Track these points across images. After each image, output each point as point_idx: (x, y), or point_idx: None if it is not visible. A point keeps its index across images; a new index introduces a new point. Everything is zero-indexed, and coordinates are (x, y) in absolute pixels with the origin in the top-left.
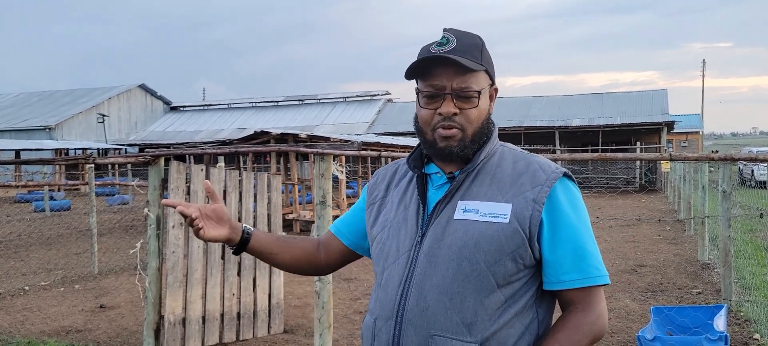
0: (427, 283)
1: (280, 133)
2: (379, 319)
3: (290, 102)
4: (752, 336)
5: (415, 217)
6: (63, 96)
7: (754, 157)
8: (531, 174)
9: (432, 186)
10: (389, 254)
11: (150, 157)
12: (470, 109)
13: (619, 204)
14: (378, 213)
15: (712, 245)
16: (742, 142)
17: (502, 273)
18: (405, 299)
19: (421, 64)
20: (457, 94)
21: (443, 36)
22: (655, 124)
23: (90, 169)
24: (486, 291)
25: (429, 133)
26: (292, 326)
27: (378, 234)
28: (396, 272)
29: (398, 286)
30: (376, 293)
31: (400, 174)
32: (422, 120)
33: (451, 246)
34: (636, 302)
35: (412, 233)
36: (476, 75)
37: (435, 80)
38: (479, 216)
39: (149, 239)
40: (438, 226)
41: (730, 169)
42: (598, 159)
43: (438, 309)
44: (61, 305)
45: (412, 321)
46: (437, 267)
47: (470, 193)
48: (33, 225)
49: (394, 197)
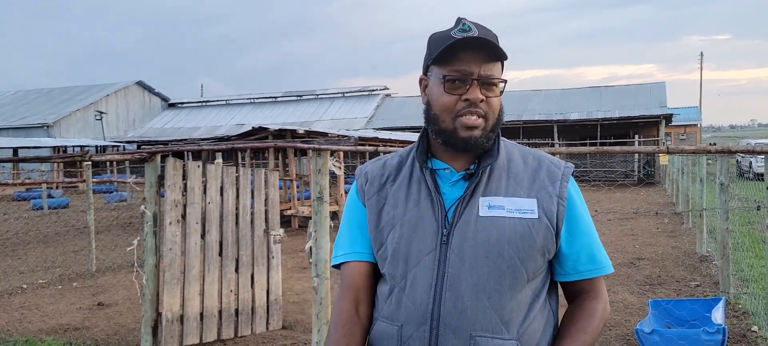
0: (462, 283)
1: (278, 129)
2: (408, 325)
3: (288, 98)
4: (750, 328)
5: (432, 214)
6: (61, 93)
7: (752, 150)
8: (546, 169)
9: (443, 183)
10: (409, 255)
11: (146, 154)
12: (494, 98)
13: (618, 197)
14: (379, 211)
15: (710, 237)
16: (740, 135)
17: (532, 268)
18: (439, 302)
19: (454, 46)
20: (483, 81)
21: (463, 23)
22: (654, 117)
23: (87, 167)
24: (519, 287)
25: (448, 121)
26: (291, 322)
27: (389, 233)
28: (423, 273)
29: (429, 288)
30: (397, 296)
31: (392, 169)
32: (443, 106)
33: (483, 243)
34: (634, 296)
35: (433, 231)
36: (498, 64)
37: (463, 65)
38: (506, 212)
39: (146, 236)
40: (465, 224)
41: (727, 162)
42: (595, 152)
43: (477, 309)
44: (59, 303)
45: (450, 324)
46: (472, 266)
47: (490, 189)
48: (31, 223)
49: (397, 192)
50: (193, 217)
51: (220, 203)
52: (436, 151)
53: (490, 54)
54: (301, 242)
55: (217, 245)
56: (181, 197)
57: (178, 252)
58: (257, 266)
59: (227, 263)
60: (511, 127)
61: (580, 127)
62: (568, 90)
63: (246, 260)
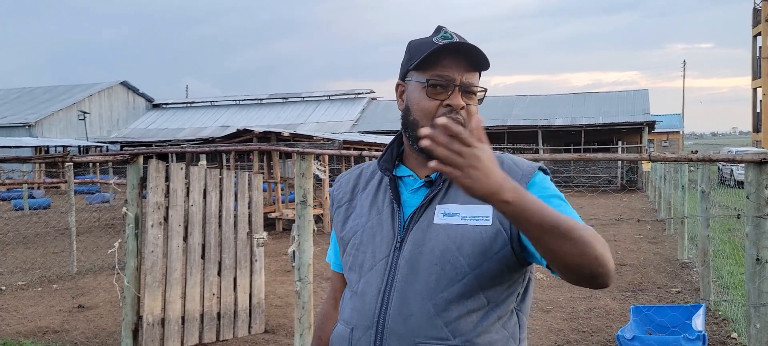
0: (409, 290)
1: (263, 131)
2: (357, 329)
3: (274, 100)
4: (730, 335)
5: (390, 222)
6: (43, 93)
7: (732, 158)
8: (506, 171)
9: (405, 190)
10: (365, 261)
11: (128, 155)
12: (473, 107)
13: (601, 203)
14: (346, 217)
15: (692, 244)
16: (721, 142)
17: (486, 276)
18: (386, 308)
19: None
20: (464, 89)
21: (444, 31)
22: (637, 124)
23: (69, 168)
24: (470, 294)
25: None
26: (273, 326)
27: (350, 239)
28: (374, 279)
29: (377, 294)
30: (352, 301)
31: (366, 177)
32: (423, 111)
33: (433, 251)
34: (616, 302)
35: (389, 238)
36: (477, 74)
37: (445, 71)
38: (461, 220)
39: (127, 239)
40: (418, 231)
41: (708, 170)
42: (578, 159)
43: (422, 316)
44: (39, 305)
45: (394, 330)
46: (419, 273)
47: (449, 196)
48: (10, 223)
49: (364, 201)
50: (176, 219)
51: (203, 205)
52: (406, 158)
53: (472, 62)
54: (285, 245)
55: (199, 247)
56: (163, 199)
57: (160, 255)
58: (240, 269)
59: (210, 266)
60: (495, 132)
61: (564, 133)
62: (552, 96)
63: (229, 264)
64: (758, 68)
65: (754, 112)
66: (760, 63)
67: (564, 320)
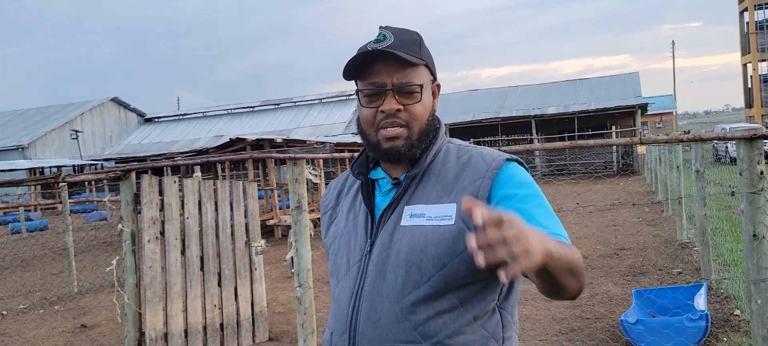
0: (377, 293)
1: (256, 139)
2: (335, 333)
3: (266, 107)
4: (733, 312)
5: (364, 226)
6: (35, 114)
7: (723, 136)
8: (472, 167)
9: (379, 192)
10: (341, 266)
11: (120, 172)
12: (414, 105)
13: (598, 189)
14: (329, 223)
15: (690, 224)
16: (715, 120)
17: (453, 276)
18: (357, 312)
19: (360, 61)
20: (398, 90)
21: (380, 33)
22: (629, 108)
23: (63, 189)
24: (438, 296)
25: (372, 135)
26: (278, 333)
27: (331, 245)
28: (347, 284)
29: (349, 299)
30: (332, 306)
31: (350, 182)
32: (365, 121)
33: (398, 253)
34: (618, 286)
35: (362, 242)
36: (416, 69)
37: (375, 78)
38: (426, 220)
39: (125, 256)
40: (385, 234)
41: (702, 149)
42: (571, 147)
43: (390, 319)
44: (41, 327)
45: (365, 334)
46: (386, 276)
47: (416, 197)
48: (8, 247)
49: (344, 205)
50: (172, 233)
51: (198, 217)
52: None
53: (401, 61)
54: (285, 251)
55: (198, 259)
56: (158, 214)
57: (158, 269)
58: (240, 278)
59: (209, 278)
60: (489, 124)
61: (558, 120)
62: (544, 85)
63: (228, 274)
64: (747, 44)
65: (745, 88)
66: (748, 38)
67: (567, 308)
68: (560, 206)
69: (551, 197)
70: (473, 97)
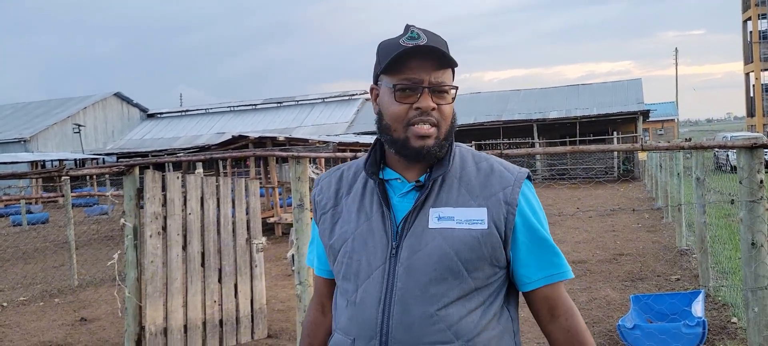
0: (410, 297)
1: (259, 136)
2: (359, 339)
3: (269, 105)
4: (730, 320)
5: (382, 227)
6: (37, 107)
7: (723, 145)
8: (498, 175)
9: (394, 194)
10: (360, 269)
11: (124, 167)
12: (445, 106)
13: (599, 194)
14: (333, 224)
15: (689, 231)
16: (717, 128)
17: (481, 277)
18: (388, 317)
19: (403, 55)
20: (434, 89)
21: (411, 31)
22: (631, 114)
23: (66, 182)
24: (468, 296)
25: (400, 131)
26: (276, 330)
27: (340, 247)
28: (372, 288)
29: (378, 303)
30: (350, 311)
31: (349, 180)
32: (394, 116)
33: (430, 256)
34: (616, 291)
35: (383, 244)
36: (448, 71)
37: (412, 73)
38: (455, 223)
39: (127, 250)
40: (413, 236)
41: (702, 157)
42: (572, 152)
43: (424, 322)
44: (41, 319)
45: (398, 338)
46: (419, 279)
47: (441, 199)
48: (10, 239)
49: (350, 205)
50: (174, 228)
51: (200, 213)
52: (390, 161)
53: (441, 60)
54: (285, 249)
55: (199, 255)
56: (160, 209)
57: (159, 264)
58: (240, 275)
59: (210, 274)
60: (491, 127)
61: (560, 125)
62: (546, 89)
63: (229, 270)
64: (750, 53)
65: (747, 97)
66: (751, 47)
67: None
68: (560, 210)
69: (551, 200)
70: (475, 100)
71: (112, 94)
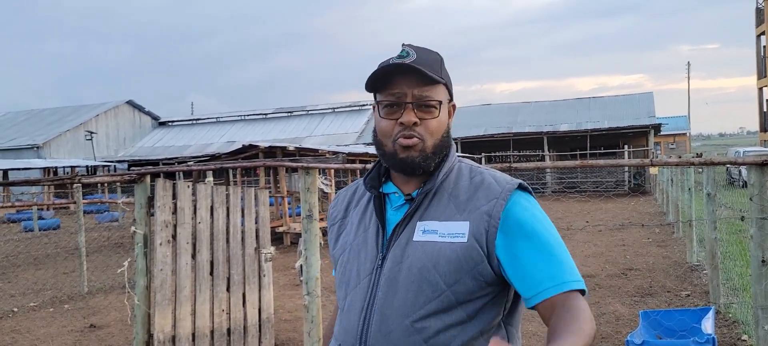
0: (388, 307)
1: (269, 146)
2: (344, 345)
3: (279, 114)
4: (740, 338)
5: (374, 239)
6: (50, 114)
7: (734, 161)
8: (486, 188)
9: (390, 207)
10: (350, 278)
11: (136, 175)
12: (431, 120)
13: (609, 208)
14: (338, 235)
15: (700, 247)
16: (729, 143)
17: (463, 291)
18: (367, 325)
19: (383, 73)
20: (417, 104)
21: (403, 49)
22: (642, 127)
23: (78, 189)
24: (448, 310)
25: (389, 145)
26: (283, 340)
27: (339, 257)
28: (358, 296)
29: (360, 311)
30: (340, 318)
31: (360, 194)
32: (382, 131)
33: (411, 268)
34: (625, 306)
35: (372, 256)
36: (436, 87)
37: (396, 89)
38: (438, 237)
39: (137, 257)
40: (397, 248)
41: (714, 172)
42: (581, 166)
43: (401, 333)
44: (51, 325)
45: None
46: (398, 290)
47: (429, 213)
48: (21, 245)
49: (354, 218)
50: (184, 237)
51: (210, 222)
52: (392, 175)
53: (426, 76)
54: (293, 259)
55: (208, 264)
56: (171, 218)
57: (169, 272)
58: (249, 284)
59: (218, 283)
60: (501, 139)
61: (570, 138)
62: (557, 102)
63: (237, 279)
64: (763, 67)
65: (760, 111)
66: (765, 62)
67: None
68: (570, 224)
69: (561, 214)
70: (486, 112)
71: (124, 102)
